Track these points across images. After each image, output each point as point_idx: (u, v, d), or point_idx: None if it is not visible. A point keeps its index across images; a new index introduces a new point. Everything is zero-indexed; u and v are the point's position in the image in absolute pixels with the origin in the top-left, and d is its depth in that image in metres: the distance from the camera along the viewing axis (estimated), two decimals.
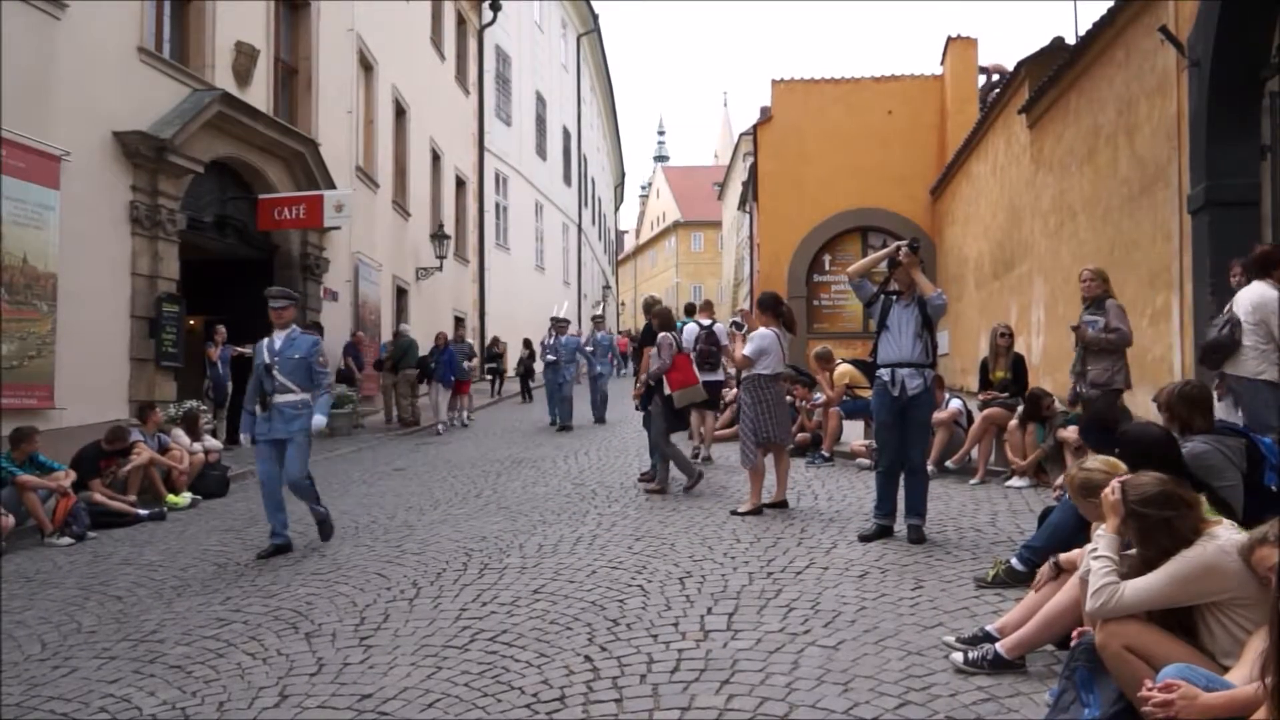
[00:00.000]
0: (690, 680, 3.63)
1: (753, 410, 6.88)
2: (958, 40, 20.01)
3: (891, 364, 5.80)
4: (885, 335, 5.88)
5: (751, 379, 6.93)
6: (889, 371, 5.79)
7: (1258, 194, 7.16)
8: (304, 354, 6.50)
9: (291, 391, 6.43)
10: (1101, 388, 6.42)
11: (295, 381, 6.45)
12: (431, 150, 20.76)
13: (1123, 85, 9.21)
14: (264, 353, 6.52)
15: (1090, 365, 6.50)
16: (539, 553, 5.91)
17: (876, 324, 6.02)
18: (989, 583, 4.64)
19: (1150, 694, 2.42)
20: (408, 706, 3.55)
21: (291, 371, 6.44)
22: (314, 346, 6.59)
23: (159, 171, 10.55)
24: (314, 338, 6.77)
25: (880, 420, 5.93)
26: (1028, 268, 12.49)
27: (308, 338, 6.69)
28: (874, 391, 5.96)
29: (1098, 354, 6.46)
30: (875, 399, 5.94)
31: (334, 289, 15.33)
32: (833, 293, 20.86)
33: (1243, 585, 2.69)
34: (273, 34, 13.54)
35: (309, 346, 6.56)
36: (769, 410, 6.87)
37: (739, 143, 41.78)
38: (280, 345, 6.50)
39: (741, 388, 7.21)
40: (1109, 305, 6.52)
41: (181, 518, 8.23)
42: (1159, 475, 2.98)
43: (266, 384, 6.44)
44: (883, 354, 5.86)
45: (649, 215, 73.81)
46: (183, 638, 4.60)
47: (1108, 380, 6.41)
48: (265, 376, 6.44)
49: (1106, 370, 6.42)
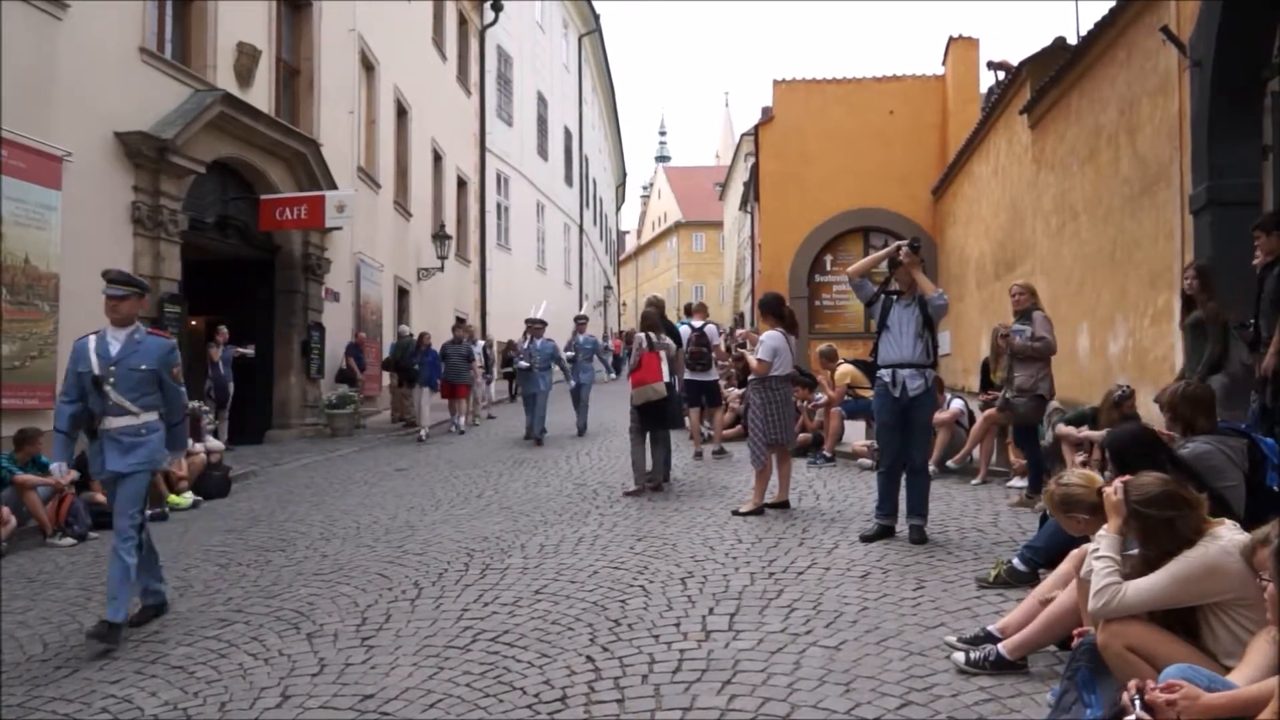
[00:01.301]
0: (692, 680, 3.63)
1: (763, 411, 6.88)
2: (959, 40, 19.99)
3: (892, 364, 5.79)
4: (886, 335, 5.88)
5: (761, 380, 6.93)
6: (890, 372, 5.78)
7: (1259, 194, 7.15)
8: (152, 365, 4.85)
9: (130, 414, 4.77)
10: (1027, 394, 6.75)
11: (137, 400, 4.80)
12: (433, 150, 20.77)
13: (1124, 85, 9.20)
14: (91, 359, 4.77)
15: (1017, 372, 6.82)
16: (541, 553, 5.91)
17: (877, 324, 6.02)
18: (991, 583, 4.65)
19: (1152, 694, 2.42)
20: (409, 707, 3.55)
21: (133, 387, 4.78)
22: (167, 354, 4.95)
23: (161, 172, 10.56)
24: (167, 342, 5.07)
25: (881, 421, 5.92)
26: (1029, 268, 12.48)
27: (157, 341, 5.00)
28: (875, 392, 5.96)
29: (1024, 361, 6.80)
30: (876, 400, 5.94)
31: (335, 289, 15.33)
32: (834, 293, 20.85)
33: (1244, 586, 2.69)
34: (274, 34, 13.55)
35: (160, 354, 4.91)
36: (778, 411, 6.88)
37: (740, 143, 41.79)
38: (119, 350, 4.81)
39: (751, 388, 7.21)
40: (1035, 316, 6.88)
41: (183, 518, 8.24)
42: (1161, 476, 2.98)
43: (95, 403, 4.74)
44: (883, 354, 5.86)
45: (650, 215, 73.81)
46: (184, 638, 4.60)
47: (1033, 386, 6.75)
48: (94, 393, 4.73)
49: (1032, 377, 6.75)
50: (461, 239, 22.80)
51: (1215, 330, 6.27)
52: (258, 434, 13.39)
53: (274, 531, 7.31)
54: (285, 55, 14.18)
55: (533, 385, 12.56)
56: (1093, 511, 3.26)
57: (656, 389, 8.08)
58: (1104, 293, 9.64)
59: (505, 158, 26.82)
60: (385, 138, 17.70)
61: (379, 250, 17.18)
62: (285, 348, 13.89)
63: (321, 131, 14.57)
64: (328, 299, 14.93)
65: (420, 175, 19.87)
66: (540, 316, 13.39)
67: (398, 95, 18.34)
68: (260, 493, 9.45)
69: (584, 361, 13.29)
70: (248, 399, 12.96)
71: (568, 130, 35.06)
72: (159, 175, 10.56)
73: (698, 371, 10.08)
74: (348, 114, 15.82)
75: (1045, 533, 4.63)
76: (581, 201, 37.96)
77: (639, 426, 8.07)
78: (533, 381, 12.56)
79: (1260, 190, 7.15)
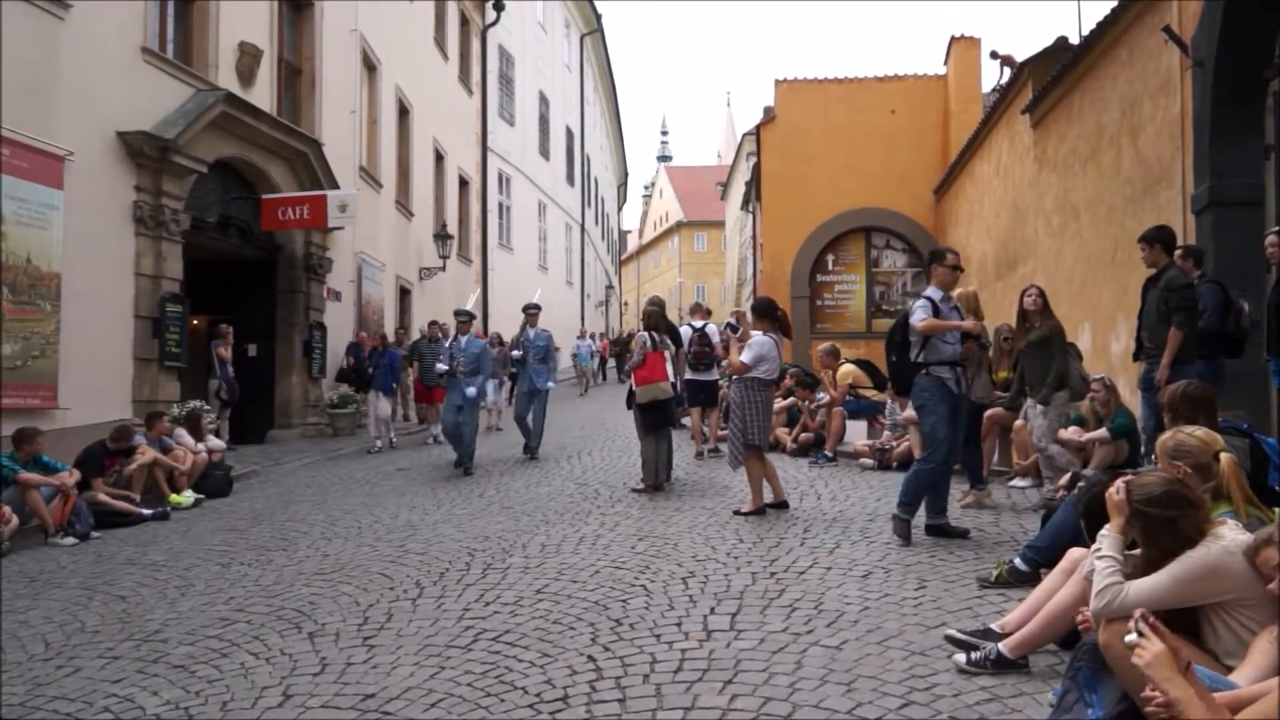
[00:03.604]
0: (693, 680, 3.63)
1: (741, 411, 6.89)
2: (961, 40, 19.98)
3: (952, 362, 5.85)
4: (939, 337, 5.87)
5: (744, 381, 6.93)
6: (951, 370, 5.81)
7: (1261, 194, 7.15)
8: None
9: None
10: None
11: None
12: (435, 150, 20.78)
13: (1126, 85, 9.20)
14: None
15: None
16: (542, 553, 5.91)
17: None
18: (992, 583, 4.64)
19: (1153, 694, 2.41)
20: (411, 706, 3.55)
21: None
22: None
23: (163, 171, 10.57)
24: None
25: (940, 417, 5.84)
26: (1031, 267, 12.47)
27: None
28: (929, 390, 5.81)
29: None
30: (933, 397, 5.79)
31: (337, 289, 15.35)
32: (835, 293, 20.84)
33: (1247, 586, 2.69)
34: (276, 34, 13.56)
35: None
36: (757, 413, 6.87)
37: (742, 142, 41.75)
38: None
39: (732, 388, 7.21)
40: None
41: (185, 517, 8.24)
42: (1165, 475, 2.97)
43: None
44: (944, 353, 5.83)
45: (652, 215, 73.80)
46: (186, 637, 4.60)
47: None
48: None
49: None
50: (463, 239, 22.80)
51: (1059, 346, 6.63)
52: (259, 434, 13.42)
53: (276, 531, 7.31)
54: (287, 55, 14.20)
55: (456, 397, 10.05)
56: (1195, 469, 3.22)
57: (663, 388, 8.11)
58: (1105, 292, 9.64)
59: (507, 157, 26.82)
60: (387, 137, 17.72)
61: (381, 250, 17.19)
62: (287, 347, 13.92)
63: (323, 131, 14.59)
64: (329, 299, 14.95)
65: (422, 175, 19.88)
66: (468, 309, 11.19)
67: (399, 95, 18.35)
68: (262, 492, 9.46)
69: (535, 364, 10.99)
70: (249, 399, 12.97)
71: (569, 130, 35.06)
72: (161, 175, 10.57)
73: (700, 371, 10.09)
74: (349, 114, 15.84)
75: (1047, 532, 4.62)
76: (583, 201, 37.96)
77: (644, 425, 8.08)
78: (457, 391, 10.06)
79: (1262, 190, 7.16)
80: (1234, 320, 6.01)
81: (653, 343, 8.24)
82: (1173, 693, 2.26)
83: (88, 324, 9.49)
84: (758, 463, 6.88)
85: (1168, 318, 5.72)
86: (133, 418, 9.76)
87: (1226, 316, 5.99)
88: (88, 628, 4.91)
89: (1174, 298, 5.70)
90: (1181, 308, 5.66)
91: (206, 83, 11.56)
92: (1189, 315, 5.67)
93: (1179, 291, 5.71)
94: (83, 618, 5.11)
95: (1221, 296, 6.03)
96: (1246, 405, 6.37)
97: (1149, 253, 6.03)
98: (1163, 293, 5.80)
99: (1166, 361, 5.64)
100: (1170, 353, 5.64)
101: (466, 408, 9.95)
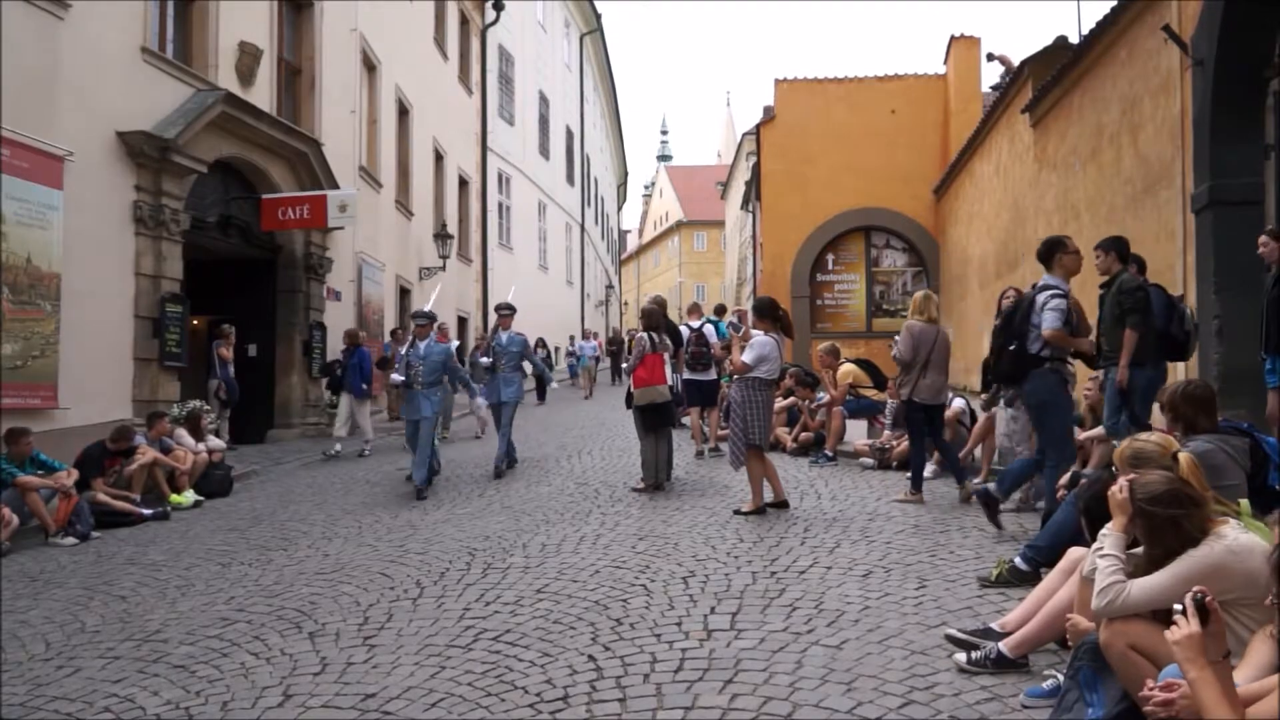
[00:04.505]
0: (694, 679, 3.63)
1: (742, 410, 6.89)
2: (961, 39, 20.00)
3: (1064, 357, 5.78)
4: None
5: (745, 380, 6.93)
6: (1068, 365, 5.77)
7: (1261, 193, 7.15)
8: None
9: None
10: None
11: None
12: (434, 150, 20.77)
13: (1126, 84, 9.19)
14: None
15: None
16: (542, 552, 5.91)
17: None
18: (993, 582, 4.64)
19: (1153, 693, 2.41)
20: (411, 706, 3.55)
21: None
22: None
23: (163, 171, 10.56)
24: None
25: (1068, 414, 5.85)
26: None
27: None
28: (1053, 387, 5.72)
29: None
30: (1055, 394, 5.72)
31: (337, 289, 15.34)
32: (836, 292, 20.85)
33: (1249, 585, 2.68)
34: (276, 34, 13.55)
35: None
36: (758, 412, 6.87)
37: (742, 142, 41.71)
38: None
39: (733, 387, 7.21)
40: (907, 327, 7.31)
41: (185, 517, 8.24)
42: (1168, 474, 2.97)
43: None
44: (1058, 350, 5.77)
45: (652, 215, 73.78)
46: (186, 637, 4.60)
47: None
48: None
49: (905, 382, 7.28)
50: (463, 238, 22.79)
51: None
52: (259, 433, 13.41)
53: (276, 530, 7.32)
54: (287, 55, 14.19)
55: (414, 408, 9.15)
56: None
57: (661, 391, 8.12)
58: None
59: (507, 157, 26.81)
60: (387, 137, 17.71)
61: (381, 250, 17.19)
62: (287, 347, 13.90)
63: (323, 131, 14.58)
64: (329, 298, 14.94)
65: (422, 175, 19.87)
66: (427, 309, 9.96)
67: (399, 95, 18.34)
68: (262, 492, 9.46)
69: (507, 370, 9.84)
70: (249, 398, 12.96)
71: (569, 129, 35.06)
72: (161, 175, 10.57)
73: (698, 371, 10.09)
74: (349, 113, 15.83)
75: (1047, 532, 4.63)
76: (583, 201, 37.96)
77: (643, 425, 8.08)
78: (415, 402, 9.15)
79: (1262, 189, 7.16)
80: (1178, 323, 6.12)
81: (652, 344, 8.24)
82: (1191, 673, 2.25)
83: (88, 324, 9.49)
84: (758, 462, 6.88)
85: (1122, 320, 5.76)
86: (133, 418, 9.75)
87: (1170, 320, 6.05)
88: (88, 628, 4.91)
89: (1127, 300, 5.76)
90: (1135, 309, 5.71)
91: (206, 82, 11.55)
92: (1143, 316, 5.73)
93: (1131, 294, 5.77)
94: (83, 618, 5.11)
95: (1164, 300, 6.11)
96: (1246, 405, 6.37)
97: (1104, 259, 6.06)
98: (1116, 296, 5.86)
99: (1124, 362, 5.69)
100: (1127, 353, 5.69)
101: (424, 423, 8.96)
